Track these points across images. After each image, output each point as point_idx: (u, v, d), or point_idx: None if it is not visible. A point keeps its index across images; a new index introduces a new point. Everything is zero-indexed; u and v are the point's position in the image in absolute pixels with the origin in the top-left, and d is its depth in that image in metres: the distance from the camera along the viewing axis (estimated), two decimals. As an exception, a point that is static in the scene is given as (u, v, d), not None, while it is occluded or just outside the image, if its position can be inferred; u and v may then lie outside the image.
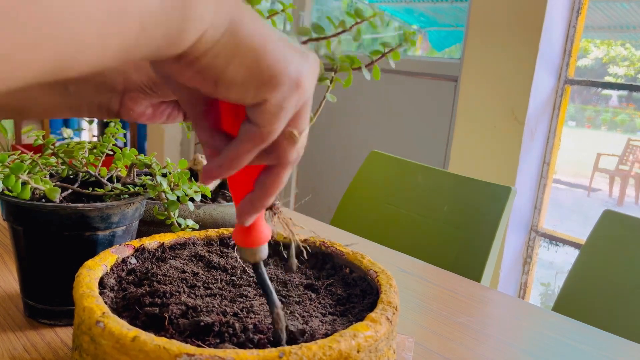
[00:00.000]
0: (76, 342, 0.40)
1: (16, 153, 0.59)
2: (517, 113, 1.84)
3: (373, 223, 1.30)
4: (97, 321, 0.37)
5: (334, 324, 0.42)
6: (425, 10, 3.44)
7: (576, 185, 5.69)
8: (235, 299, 0.45)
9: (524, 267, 2.03)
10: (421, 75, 2.20)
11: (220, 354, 0.33)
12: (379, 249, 0.97)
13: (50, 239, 0.55)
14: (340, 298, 0.48)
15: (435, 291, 0.81)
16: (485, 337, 0.67)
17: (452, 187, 1.21)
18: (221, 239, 0.58)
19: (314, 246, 0.57)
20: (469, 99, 1.97)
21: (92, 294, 0.40)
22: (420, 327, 0.67)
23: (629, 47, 4.14)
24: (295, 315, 0.43)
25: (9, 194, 0.55)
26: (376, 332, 0.39)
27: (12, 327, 0.58)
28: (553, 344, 0.66)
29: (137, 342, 0.34)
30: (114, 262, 0.49)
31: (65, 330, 0.58)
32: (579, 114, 6.06)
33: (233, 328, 0.39)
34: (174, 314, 0.40)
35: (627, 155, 5.38)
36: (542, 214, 1.98)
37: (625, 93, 4.90)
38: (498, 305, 0.80)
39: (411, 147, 2.23)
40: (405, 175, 1.30)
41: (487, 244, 1.08)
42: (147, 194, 0.60)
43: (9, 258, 0.75)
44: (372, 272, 0.50)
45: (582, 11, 1.83)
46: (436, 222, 1.20)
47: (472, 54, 1.95)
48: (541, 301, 2.87)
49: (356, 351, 0.37)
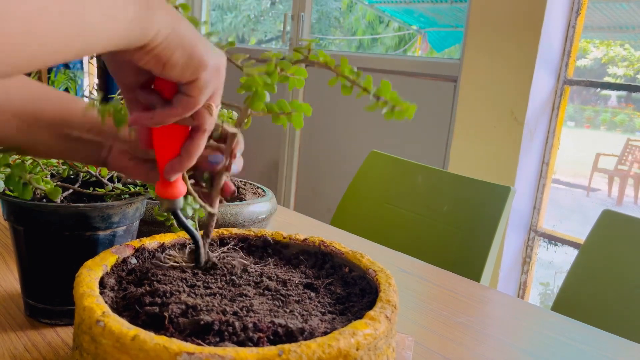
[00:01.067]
0: (77, 341, 0.40)
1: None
2: (517, 113, 1.84)
3: (373, 223, 1.30)
4: (98, 320, 0.37)
5: (334, 323, 0.42)
6: (425, 10, 3.44)
7: (575, 185, 5.70)
8: (235, 298, 0.45)
9: (524, 266, 2.03)
10: (421, 75, 2.20)
11: (220, 352, 0.34)
12: (378, 248, 0.97)
13: (51, 238, 0.55)
14: (339, 297, 0.48)
15: (435, 291, 0.81)
16: (485, 336, 0.67)
17: (452, 187, 1.21)
18: (221, 239, 0.58)
19: (314, 246, 0.57)
20: (469, 99, 1.98)
21: (92, 294, 0.41)
22: (420, 326, 0.67)
23: (628, 47, 4.15)
24: (294, 314, 0.43)
25: (10, 194, 0.55)
26: (375, 330, 0.39)
27: (13, 326, 0.58)
28: (552, 344, 0.66)
29: (137, 341, 0.35)
30: (115, 262, 0.49)
31: (65, 329, 0.58)
32: (578, 114, 6.07)
33: (233, 327, 0.39)
34: (174, 313, 0.40)
35: (626, 155, 5.39)
36: (541, 214, 1.98)
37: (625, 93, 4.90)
38: (498, 305, 0.80)
39: (411, 147, 2.23)
40: (405, 175, 1.30)
41: (487, 244, 1.08)
42: (147, 194, 0.61)
43: (10, 258, 0.75)
44: (371, 271, 0.50)
45: (582, 12, 1.83)
46: (436, 222, 1.20)
47: (471, 54, 1.95)
48: (540, 301, 2.87)
49: (355, 349, 0.37)
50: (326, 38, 3.38)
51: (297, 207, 2.72)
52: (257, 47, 3.19)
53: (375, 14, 3.63)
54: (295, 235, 0.58)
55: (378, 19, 3.67)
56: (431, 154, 2.15)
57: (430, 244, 1.19)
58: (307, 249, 0.57)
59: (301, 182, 2.70)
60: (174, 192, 0.48)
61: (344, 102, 2.46)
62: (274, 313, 0.43)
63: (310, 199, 2.67)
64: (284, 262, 0.56)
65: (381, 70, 2.33)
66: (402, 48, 3.87)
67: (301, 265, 0.55)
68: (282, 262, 0.56)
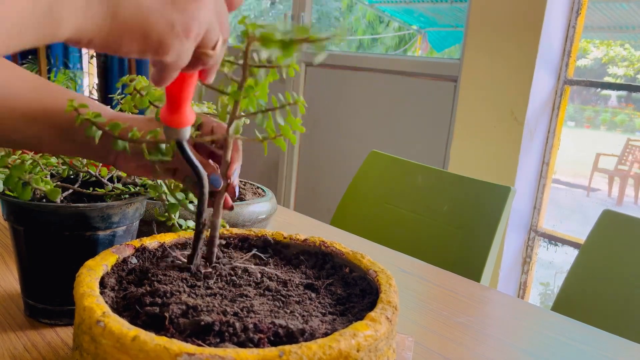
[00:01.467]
0: (76, 341, 0.40)
1: (17, 153, 0.59)
2: (517, 113, 1.84)
3: (373, 223, 1.30)
4: (98, 321, 0.37)
5: (334, 324, 0.42)
6: (425, 10, 3.44)
7: (575, 185, 5.70)
8: (236, 299, 0.45)
9: (524, 266, 2.03)
10: (421, 75, 2.20)
11: (220, 353, 0.34)
12: (379, 249, 0.97)
13: (51, 239, 0.55)
14: (340, 297, 0.48)
15: (435, 291, 0.81)
16: (485, 337, 0.67)
17: (452, 187, 1.21)
18: (221, 239, 0.58)
19: (314, 246, 0.57)
20: (469, 99, 1.97)
21: (92, 294, 0.41)
22: (420, 327, 0.67)
23: (628, 47, 4.15)
24: (295, 315, 0.43)
25: (10, 194, 0.55)
26: (376, 332, 0.39)
27: (13, 326, 0.58)
28: (552, 344, 0.66)
29: (137, 342, 0.34)
30: (115, 262, 0.49)
31: (65, 329, 0.58)
32: (578, 114, 6.07)
33: (233, 327, 0.39)
34: (174, 314, 0.40)
35: (626, 155, 5.39)
36: (541, 214, 1.98)
37: (625, 93, 4.90)
38: (498, 305, 0.80)
39: (411, 147, 2.23)
40: (405, 175, 1.30)
41: (487, 244, 1.08)
42: (147, 194, 0.60)
43: (10, 258, 0.75)
44: (371, 272, 0.50)
45: (582, 11, 1.83)
46: (436, 222, 1.20)
47: (471, 54, 1.95)
48: (540, 301, 2.87)
49: (356, 350, 0.37)
50: (326, 38, 3.38)
51: (297, 207, 2.72)
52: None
53: (375, 13, 3.63)
54: (295, 236, 0.58)
55: (378, 18, 3.67)
56: (431, 154, 2.15)
57: (430, 244, 1.19)
58: (308, 249, 0.57)
59: (301, 182, 2.70)
60: (181, 120, 0.42)
61: (344, 102, 2.46)
62: (274, 314, 0.43)
63: (310, 199, 2.67)
64: (284, 262, 0.56)
65: (381, 70, 2.33)
66: (402, 48, 3.87)
67: (301, 265, 0.55)
68: (282, 262, 0.56)
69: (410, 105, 2.24)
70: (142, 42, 0.34)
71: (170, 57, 0.36)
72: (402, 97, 2.27)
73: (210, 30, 0.37)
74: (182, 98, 0.41)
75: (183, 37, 0.35)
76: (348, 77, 2.44)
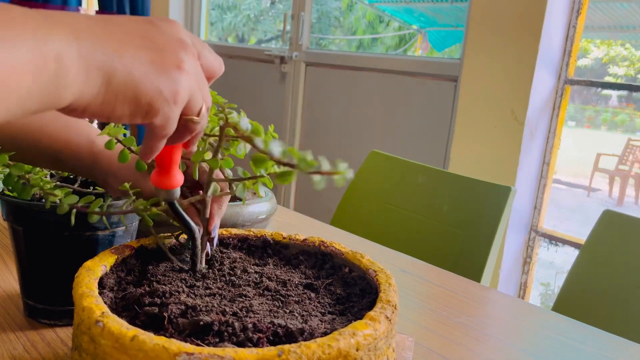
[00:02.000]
0: (76, 341, 0.40)
1: (16, 153, 0.59)
2: (517, 113, 1.84)
3: (373, 223, 1.30)
4: (97, 321, 0.37)
5: (333, 323, 0.42)
6: (425, 10, 3.44)
7: (576, 185, 5.69)
8: (235, 299, 0.45)
9: (524, 267, 2.03)
10: (421, 75, 2.20)
11: (219, 352, 0.34)
12: (378, 248, 0.97)
13: (50, 239, 0.55)
14: (339, 297, 0.48)
15: (435, 291, 0.81)
16: (485, 337, 0.67)
17: (452, 187, 1.21)
18: (220, 239, 0.58)
19: (314, 246, 0.57)
20: (469, 99, 1.97)
21: (91, 294, 0.40)
22: (420, 327, 0.67)
23: (628, 47, 4.14)
24: (294, 315, 0.43)
25: (9, 194, 0.55)
26: (375, 331, 0.39)
27: (12, 327, 0.58)
28: (553, 344, 0.66)
29: (136, 342, 0.34)
30: (114, 262, 0.49)
31: (65, 330, 0.58)
32: (578, 114, 6.06)
33: (232, 327, 0.39)
34: (173, 314, 0.40)
35: (627, 155, 5.38)
36: (542, 214, 1.98)
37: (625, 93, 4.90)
38: (498, 305, 0.80)
39: (411, 147, 2.23)
40: (405, 175, 1.30)
41: (487, 244, 1.08)
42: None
43: (9, 258, 0.75)
44: (371, 272, 0.50)
45: (582, 11, 1.83)
46: (436, 222, 1.20)
47: (472, 54, 1.95)
48: (541, 301, 2.87)
49: (355, 349, 0.37)
50: (326, 38, 3.38)
51: (297, 207, 2.72)
52: (257, 46, 3.19)
53: (375, 13, 3.63)
54: (295, 236, 0.58)
55: (378, 18, 3.67)
56: (431, 154, 2.15)
57: (430, 244, 1.19)
58: (307, 249, 0.57)
59: (301, 182, 2.70)
60: (171, 182, 0.47)
61: (344, 102, 2.46)
62: (273, 313, 0.43)
63: (310, 199, 2.67)
64: (283, 262, 0.56)
65: (381, 70, 2.33)
66: (403, 48, 3.87)
67: (301, 265, 0.55)
68: (282, 262, 0.56)
69: (410, 105, 2.24)
70: (133, 106, 0.36)
71: (158, 120, 0.38)
72: (402, 97, 2.27)
73: (194, 97, 0.40)
74: (171, 163, 0.46)
75: (171, 102, 0.38)
76: (348, 77, 2.44)
